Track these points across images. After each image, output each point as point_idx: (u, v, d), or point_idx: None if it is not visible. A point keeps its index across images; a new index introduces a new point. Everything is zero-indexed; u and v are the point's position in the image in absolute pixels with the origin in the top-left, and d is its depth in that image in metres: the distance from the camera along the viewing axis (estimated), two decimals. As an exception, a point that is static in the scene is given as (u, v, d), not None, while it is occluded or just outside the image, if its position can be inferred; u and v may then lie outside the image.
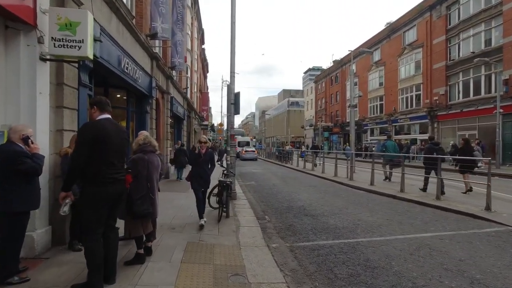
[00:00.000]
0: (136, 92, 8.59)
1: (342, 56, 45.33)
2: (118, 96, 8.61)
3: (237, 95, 8.23)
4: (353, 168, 12.72)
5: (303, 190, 10.39)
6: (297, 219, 6.43)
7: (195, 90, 26.18)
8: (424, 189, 9.14)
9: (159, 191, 4.13)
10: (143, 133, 4.11)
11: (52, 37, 3.74)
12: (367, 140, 35.69)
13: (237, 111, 8.18)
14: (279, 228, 5.81)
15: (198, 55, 28.91)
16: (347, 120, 36.62)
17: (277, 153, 27.85)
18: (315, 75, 62.37)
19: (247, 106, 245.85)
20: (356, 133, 39.78)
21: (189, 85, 20.83)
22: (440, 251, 4.46)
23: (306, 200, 8.58)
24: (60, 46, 3.74)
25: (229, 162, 8.03)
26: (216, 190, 6.63)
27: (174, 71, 13.64)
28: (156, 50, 10.43)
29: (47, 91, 3.94)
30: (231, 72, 8.01)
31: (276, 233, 5.45)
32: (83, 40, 3.76)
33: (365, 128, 36.42)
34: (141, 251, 3.69)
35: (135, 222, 3.63)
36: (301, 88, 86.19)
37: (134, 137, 9.27)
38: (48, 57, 3.84)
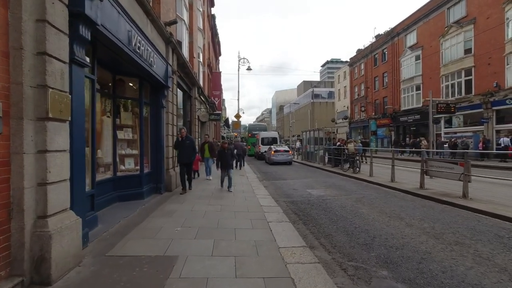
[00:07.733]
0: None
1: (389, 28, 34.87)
2: None
3: None
4: None
5: None
6: None
7: (200, 59, 16.78)
8: None
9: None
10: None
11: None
12: (441, 132, 25.59)
13: None
14: None
15: (205, 12, 19.54)
16: (403, 108, 26.33)
17: (326, 155, 18.00)
18: (336, 68, 53.54)
19: (263, 104, 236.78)
20: (418, 124, 29.38)
21: (183, 25, 11.34)
22: None
23: None
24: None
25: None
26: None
27: None
28: None
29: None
30: None
31: None
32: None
33: (435, 116, 26.17)
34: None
35: None
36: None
37: None
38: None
